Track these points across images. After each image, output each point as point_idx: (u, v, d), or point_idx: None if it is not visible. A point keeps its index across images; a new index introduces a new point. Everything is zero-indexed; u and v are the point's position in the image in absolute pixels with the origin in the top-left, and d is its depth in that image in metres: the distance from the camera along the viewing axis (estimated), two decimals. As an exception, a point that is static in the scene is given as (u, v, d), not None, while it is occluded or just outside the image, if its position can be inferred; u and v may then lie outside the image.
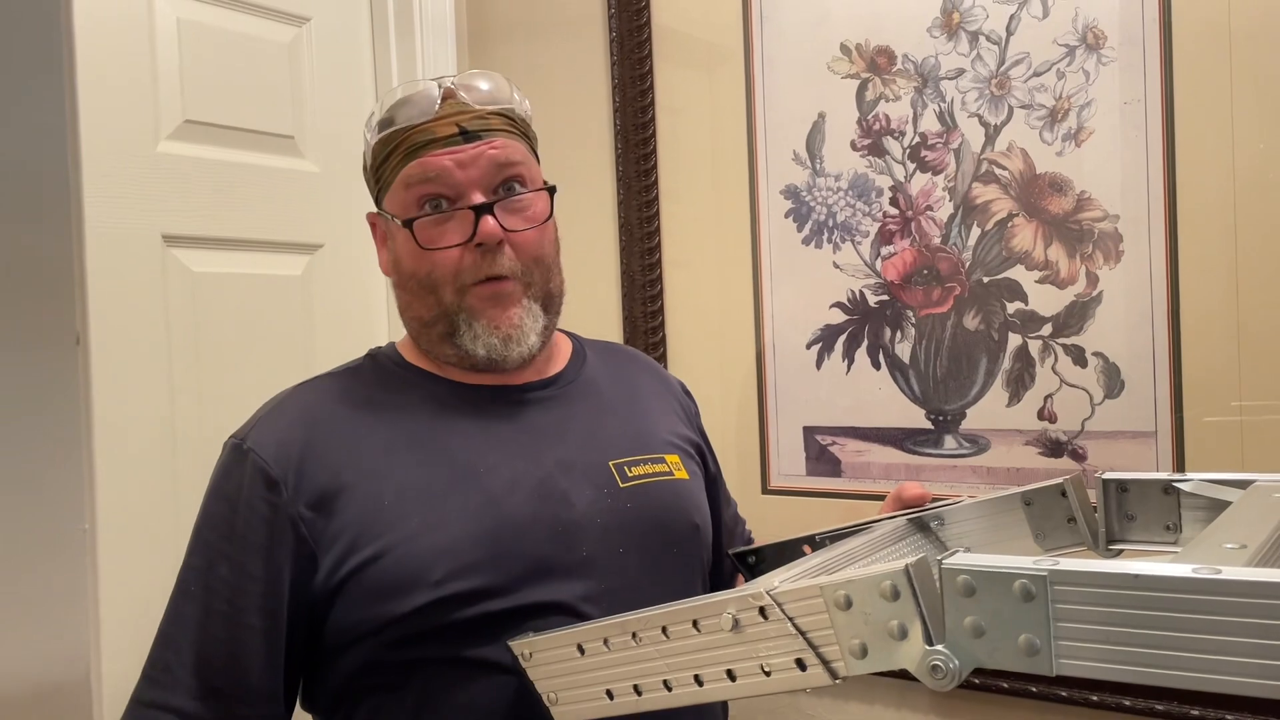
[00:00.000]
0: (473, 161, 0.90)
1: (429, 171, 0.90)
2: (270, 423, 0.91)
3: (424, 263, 0.91)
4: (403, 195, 0.92)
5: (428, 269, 0.91)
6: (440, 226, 0.91)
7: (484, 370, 0.96)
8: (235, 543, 0.86)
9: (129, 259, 1.35)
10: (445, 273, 0.91)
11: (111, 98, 1.34)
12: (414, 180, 0.90)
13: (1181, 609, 0.50)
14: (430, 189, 0.90)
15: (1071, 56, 1.22)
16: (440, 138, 0.90)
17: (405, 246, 0.92)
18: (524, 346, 0.93)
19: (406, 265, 0.93)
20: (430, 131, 0.90)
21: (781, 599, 0.64)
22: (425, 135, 0.90)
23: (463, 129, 0.91)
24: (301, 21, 1.61)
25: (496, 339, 0.92)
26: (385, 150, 0.93)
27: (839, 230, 1.40)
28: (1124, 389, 1.21)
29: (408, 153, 0.91)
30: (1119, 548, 0.87)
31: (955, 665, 0.57)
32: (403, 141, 0.91)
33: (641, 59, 1.58)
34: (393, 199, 0.93)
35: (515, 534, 0.87)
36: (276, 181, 1.56)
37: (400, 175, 0.91)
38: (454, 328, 0.92)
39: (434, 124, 0.91)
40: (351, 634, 0.86)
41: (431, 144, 0.90)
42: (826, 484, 1.43)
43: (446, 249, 0.90)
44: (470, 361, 0.94)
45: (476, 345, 0.92)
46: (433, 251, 0.90)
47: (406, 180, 0.91)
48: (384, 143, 0.93)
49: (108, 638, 1.30)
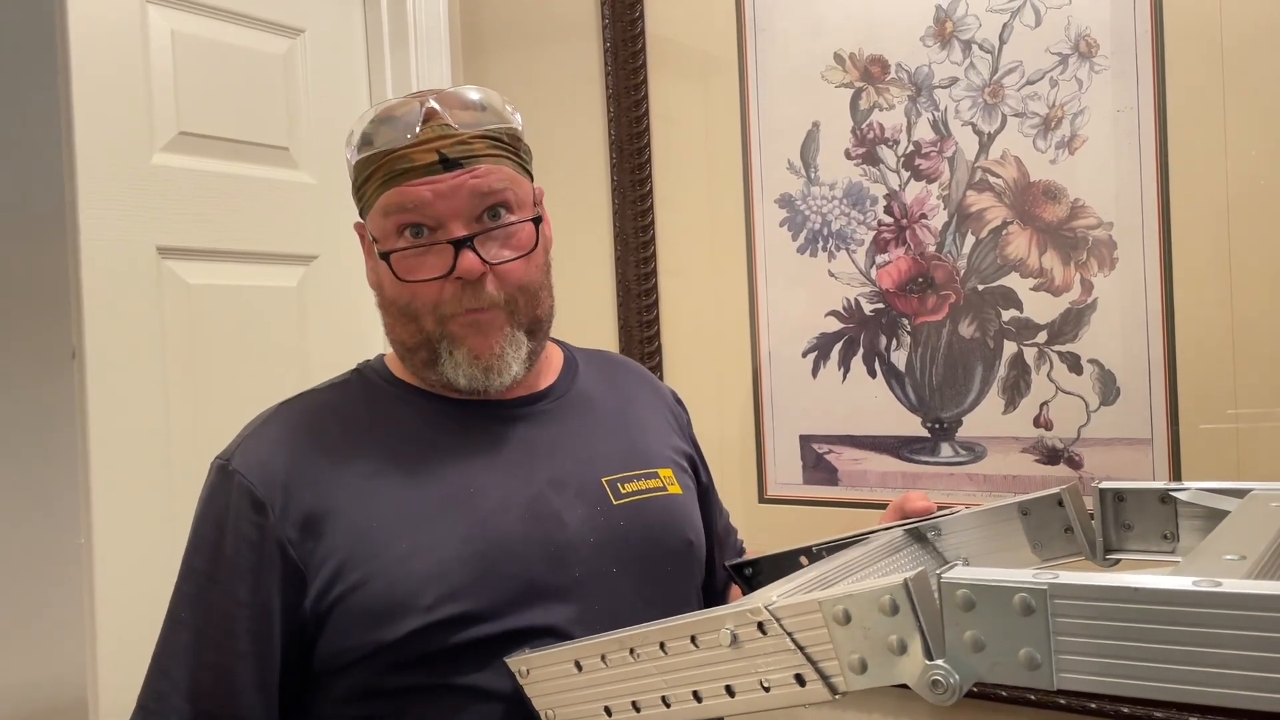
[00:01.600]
0: (453, 192, 0.87)
1: (406, 202, 0.87)
2: (255, 442, 0.89)
3: (403, 292, 0.89)
4: (381, 221, 0.89)
5: (408, 298, 0.89)
6: (420, 257, 0.88)
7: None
8: (224, 568, 0.84)
9: (124, 271, 1.35)
10: (425, 304, 0.89)
11: (106, 110, 1.34)
12: (392, 209, 0.88)
13: (1182, 622, 0.50)
14: (408, 219, 0.87)
15: (1064, 65, 1.23)
16: (419, 166, 0.87)
17: (386, 274, 0.90)
18: (505, 376, 0.91)
19: (388, 291, 0.91)
20: (409, 159, 0.87)
21: (780, 614, 0.64)
22: (404, 163, 0.87)
23: (443, 156, 0.87)
24: (296, 33, 1.61)
25: (477, 370, 0.89)
26: (365, 171, 0.90)
27: (834, 239, 1.40)
28: (1120, 396, 1.21)
29: (386, 179, 0.87)
30: (1116, 557, 0.87)
31: (955, 680, 0.56)
32: (381, 166, 0.88)
33: (636, 69, 1.58)
34: (373, 223, 0.91)
35: (506, 556, 0.86)
36: (271, 193, 1.56)
37: (379, 202, 0.89)
38: (436, 355, 0.90)
39: (413, 150, 0.87)
40: (341, 660, 0.84)
41: (410, 172, 0.87)
42: (823, 492, 1.43)
43: (425, 281, 0.88)
44: (454, 390, 0.93)
45: (458, 374, 0.90)
46: (411, 284, 0.88)
47: (385, 208, 0.88)
48: (363, 164, 0.90)
49: (104, 651, 1.29)
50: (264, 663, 0.84)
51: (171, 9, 1.43)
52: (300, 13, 1.62)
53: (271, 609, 0.84)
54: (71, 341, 1.31)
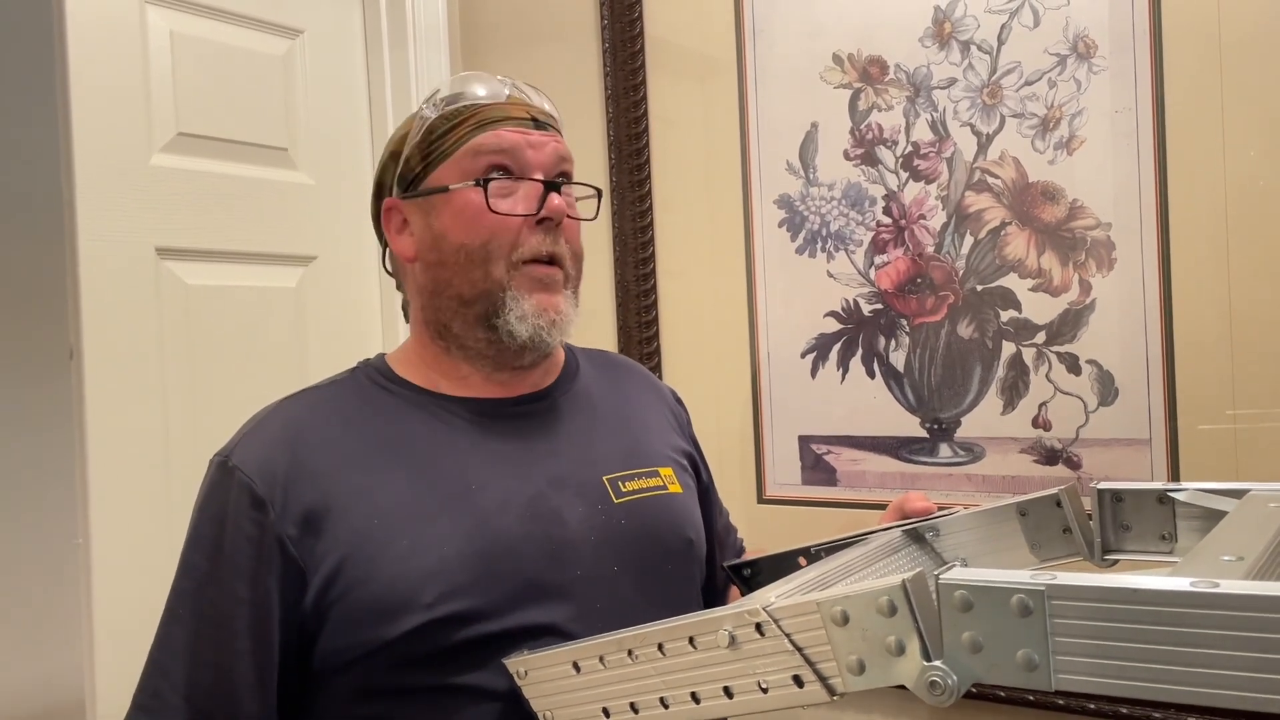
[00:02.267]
0: (541, 145, 0.94)
1: (504, 143, 0.92)
2: (255, 439, 0.89)
3: (481, 230, 0.91)
4: (468, 163, 0.92)
5: (485, 237, 0.91)
6: (506, 196, 0.92)
7: (503, 369, 0.95)
8: (223, 565, 0.84)
9: (122, 272, 1.35)
10: (503, 243, 0.91)
11: (104, 110, 1.34)
12: (486, 149, 0.92)
13: (1180, 623, 0.50)
14: (501, 159, 0.92)
15: (1063, 65, 1.23)
16: (514, 117, 0.94)
17: (459, 216, 0.92)
18: (565, 334, 0.95)
19: (455, 237, 0.92)
20: (505, 110, 0.94)
21: (778, 615, 0.64)
22: (500, 112, 0.93)
23: (533, 117, 0.95)
24: (295, 34, 1.61)
25: (543, 321, 0.92)
26: (449, 124, 0.93)
27: (833, 239, 1.40)
28: (1118, 396, 1.21)
29: (479, 125, 0.93)
30: (1114, 558, 0.87)
31: (953, 681, 0.56)
32: (475, 115, 0.93)
33: (635, 69, 1.58)
34: (451, 168, 0.93)
35: (507, 554, 0.86)
36: (270, 194, 1.56)
37: (470, 144, 0.92)
38: (496, 307, 0.91)
39: (508, 105, 0.94)
40: (340, 658, 0.84)
41: (506, 120, 0.93)
42: (822, 493, 1.43)
43: (510, 216, 0.91)
44: (503, 348, 0.93)
45: (522, 325, 0.91)
46: (497, 217, 0.91)
47: (477, 149, 0.92)
48: (448, 116, 0.93)
49: (101, 652, 1.29)
50: (263, 660, 0.84)
51: (170, 10, 1.43)
52: (299, 14, 1.62)
53: (271, 606, 0.84)
54: (70, 342, 1.30)
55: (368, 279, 1.73)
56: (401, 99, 1.72)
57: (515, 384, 0.97)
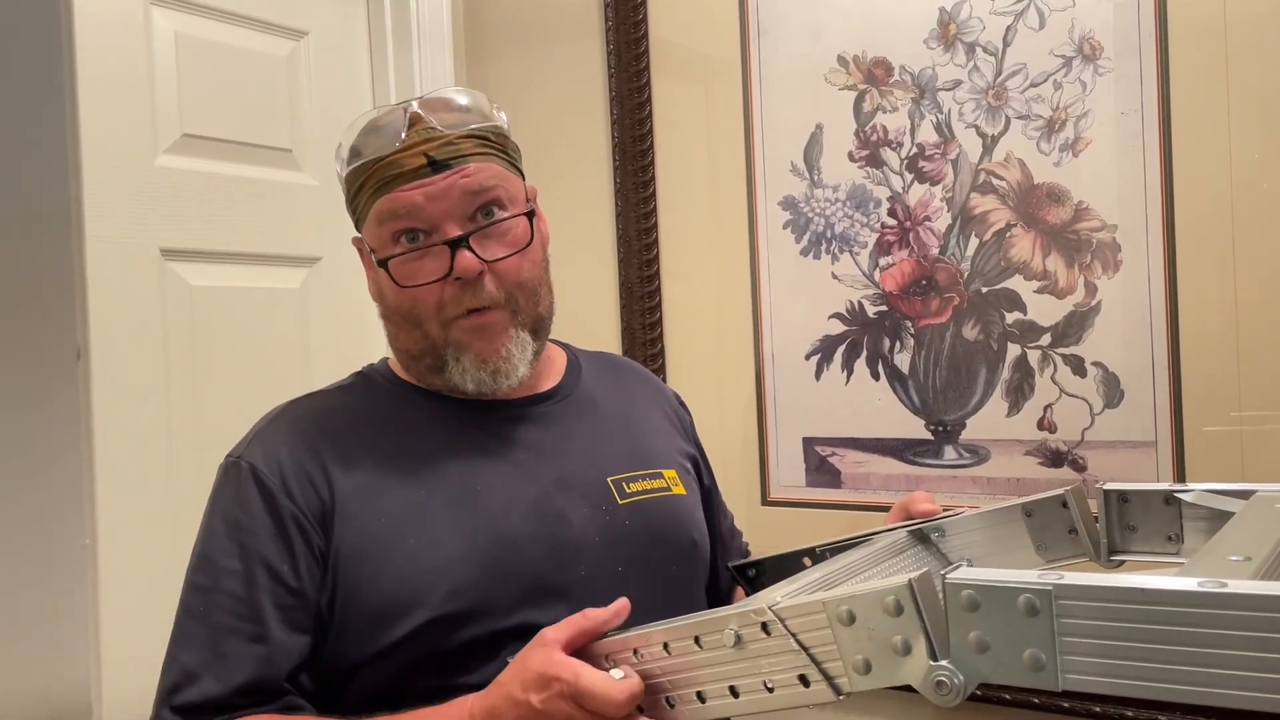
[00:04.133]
0: (444, 194, 0.87)
1: (399, 208, 0.87)
2: (265, 440, 0.90)
3: (405, 299, 0.89)
4: (377, 230, 0.90)
5: (409, 304, 0.89)
6: (418, 262, 0.88)
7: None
8: (243, 556, 0.84)
9: (127, 273, 1.35)
10: (427, 309, 0.89)
11: (109, 112, 1.34)
12: (385, 217, 0.88)
13: (1187, 623, 0.50)
14: (402, 224, 0.88)
15: (1068, 67, 1.23)
16: (408, 170, 0.87)
17: (386, 282, 0.90)
18: (513, 379, 0.91)
19: (389, 299, 0.91)
20: (398, 164, 0.87)
21: (784, 614, 0.64)
22: (393, 169, 0.87)
23: (431, 159, 0.87)
24: (299, 35, 1.62)
25: (485, 373, 0.90)
26: (356, 183, 0.91)
27: (837, 241, 1.40)
28: (1123, 398, 1.20)
29: (377, 187, 0.88)
30: (1120, 559, 0.87)
31: (960, 681, 0.56)
32: (371, 175, 0.88)
33: (639, 71, 1.58)
34: (369, 232, 0.91)
35: (512, 554, 0.86)
36: (274, 195, 1.56)
37: (372, 211, 0.89)
38: (441, 362, 0.91)
39: (401, 155, 0.87)
40: (345, 661, 0.85)
41: (399, 178, 0.87)
42: (826, 495, 1.42)
43: (425, 285, 0.88)
44: (460, 393, 0.93)
45: (465, 380, 0.90)
46: (412, 289, 0.88)
47: (379, 216, 0.89)
48: (353, 175, 0.91)
49: (108, 654, 1.29)
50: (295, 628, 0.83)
51: (175, 11, 1.44)
52: (304, 15, 1.62)
53: (301, 582, 0.83)
54: (77, 343, 1.31)
55: (372, 280, 1.73)
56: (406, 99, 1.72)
57: (515, 389, 0.97)
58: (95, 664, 1.30)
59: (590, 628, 0.72)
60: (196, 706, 0.81)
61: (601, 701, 0.67)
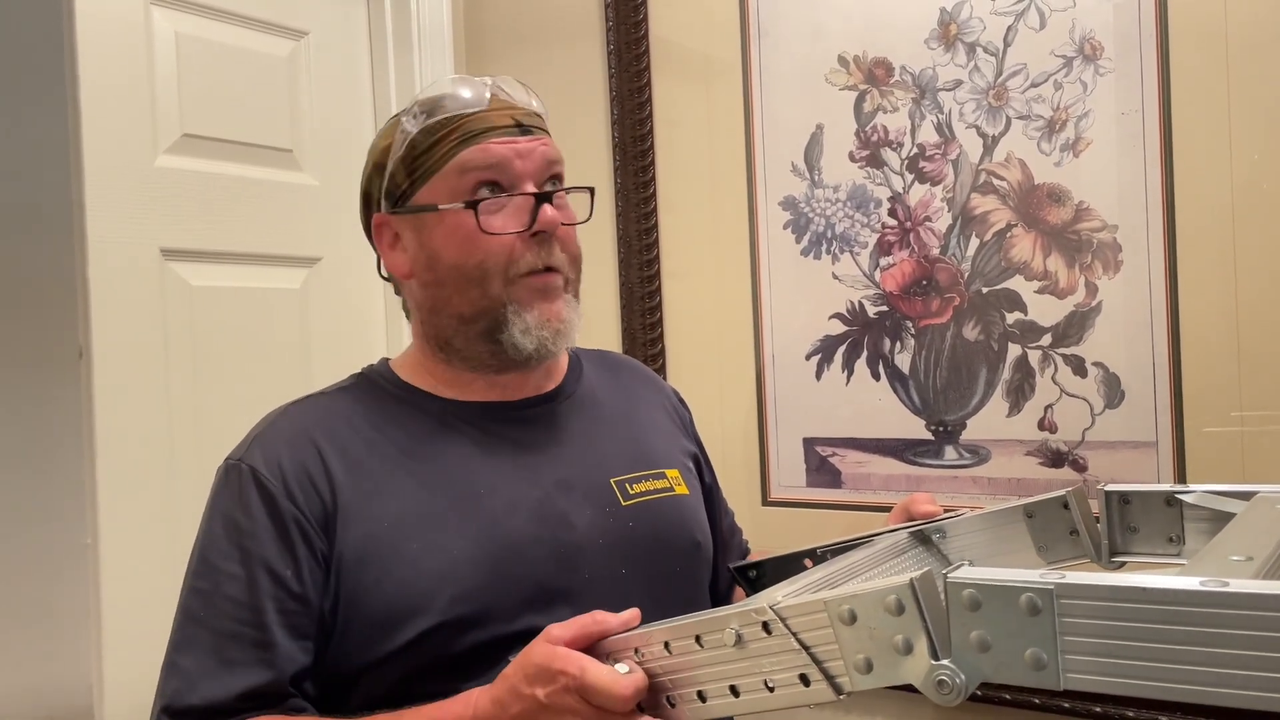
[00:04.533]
0: (528, 154, 0.90)
1: (490, 159, 0.89)
2: (265, 443, 0.89)
3: (475, 251, 0.89)
4: (455, 181, 0.90)
5: (479, 258, 0.89)
6: (496, 215, 0.90)
7: (506, 372, 0.94)
8: (244, 560, 0.83)
9: (127, 273, 1.35)
10: (498, 262, 0.89)
11: (110, 112, 1.34)
12: (472, 166, 0.89)
13: (1189, 622, 0.50)
14: (489, 175, 0.89)
15: (1069, 67, 1.23)
16: (498, 126, 0.90)
17: (451, 236, 0.90)
18: (570, 340, 0.93)
19: (449, 256, 0.90)
20: (487, 120, 0.90)
21: (785, 614, 0.63)
22: (483, 123, 0.90)
23: (518, 122, 0.91)
24: (300, 35, 1.62)
25: (547, 332, 0.91)
26: (431, 138, 0.90)
27: (838, 241, 1.40)
28: (1124, 399, 1.20)
29: (463, 139, 0.89)
30: (1122, 560, 0.87)
31: (961, 680, 0.56)
32: (457, 128, 0.90)
33: (639, 71, 1.58)
34: (439, 186, 0.90)
35: (516, 557, 0.86)
36: (275, 195, 1.56)
37: (455, 160, 0.89)
38: (499, 322, 0.90)
39: (490, 113, 0.90)
40: (348, 666, 0.84)
41: (490, 131, 0.90)
42: (827, 495, 1.42)
43: (503, 235, 0.89)
44: (507, 359, 0.92)
45: (526, 339, 0.90)
46: (490, 237, 0.88)
47: (463, 165, 0.89)
48: (430, 130, 0.90)
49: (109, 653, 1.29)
50: (297, 633, 0.83)
51: (176, 11, 1.44)
52: (304, 15, 1.62)
53: (303, 586, 0.83)
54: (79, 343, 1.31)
55: (372, 281, 1.72)
56: (406, 100, 1.71)
57: (519, 387, 0.97)
58: (97, 663, 1.30)
59: (596, 632, 0.72)
60: (198, 711, 0.80)
61: (606, 696, 0.67)
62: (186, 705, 0.81)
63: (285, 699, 0.82)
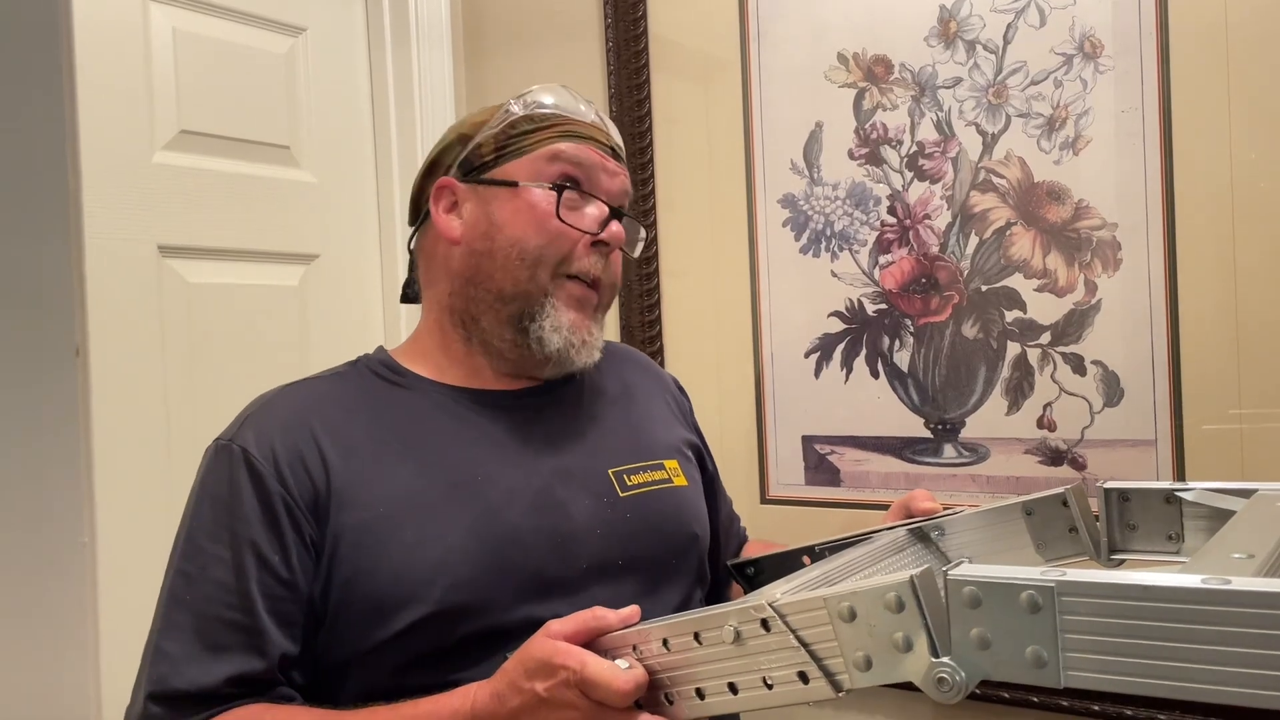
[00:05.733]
0: (614, 176, 0.96)
1: (587, 159, 0.94)
2: (258, 424, 0.87)
3: (541, 232, 0.91)
4: (544, 165, 0.93)
5: (542, 241, 0.91)
6: (574, 209, 0.93)
7: (519, 368, 0.95)
8: (233, 542, 0.82)
9: (124, 270, 1.35)
10: (558, 252, 0.92)
11: (107, 108, 1.34)
12: (566, 158, 0.93)
13: (1191, 620, 0.50)
14: (576, 172, 0.93)
15: (1069, 65, 1.22)
16: (599, 140, 0.96)
17: (522, 213, 0.92)
18: (591, 358, 0.95)
19: (513, 231, 0.92)
20: (591, 130, 0.96)
21: (784, 610, 0.63)
22: (589, 130, 0.96)
23: (613, 147, 0.98)
24: (297, 32, 1.61)
25: (576, 339, 0.93)
26: (535, 124, 0.94)
27: (837, 239, 1.40)
28: (1123, 397, 1.20)
29: (565, 134, 0.94)
30: (1121, 557, 0.87)
31: (961, 677, 0.56)
32: (563, 122, 0.94)
33: (638, 69, 1.58)
34: (524, 166, 0.93)
35: (514, 547, 0.85)
36: (273, 192, 1.56)
37: (552, 147, 0.93)
38: (533, 312, 0.92)
39: (593, 127, 0.96)
40: (340, 655, 0.83)
41: (593, 140, 0.95)
42: (825, 493, 1.42)
43: (573, 227, 0.92)
44: (526, 354, 0.93)
45: (555, 336, 0.92)
46: (561, 225, 0.91)
47: (557, 154, 0.93)
48: (535, 118, 0.95)
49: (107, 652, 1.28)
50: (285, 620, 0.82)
51: (173, 7, 1.43)
52: (302, 11, 1.62)
53: (291, 572, 0.82)
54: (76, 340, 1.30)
55: (370, 277, 1.72)
56: (404, 97, 1.71)
57: (518, 378, 0.97)
58: (94, 661, 1.29)
59: (596, 628, 0.71)
60: (183, 696, 0.79)
61: (606, 690, 0.67)
62: (173, 690, 0.79)
63: (273, 686, 0.81)
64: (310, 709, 0.81)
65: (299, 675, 0.84)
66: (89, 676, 1.30)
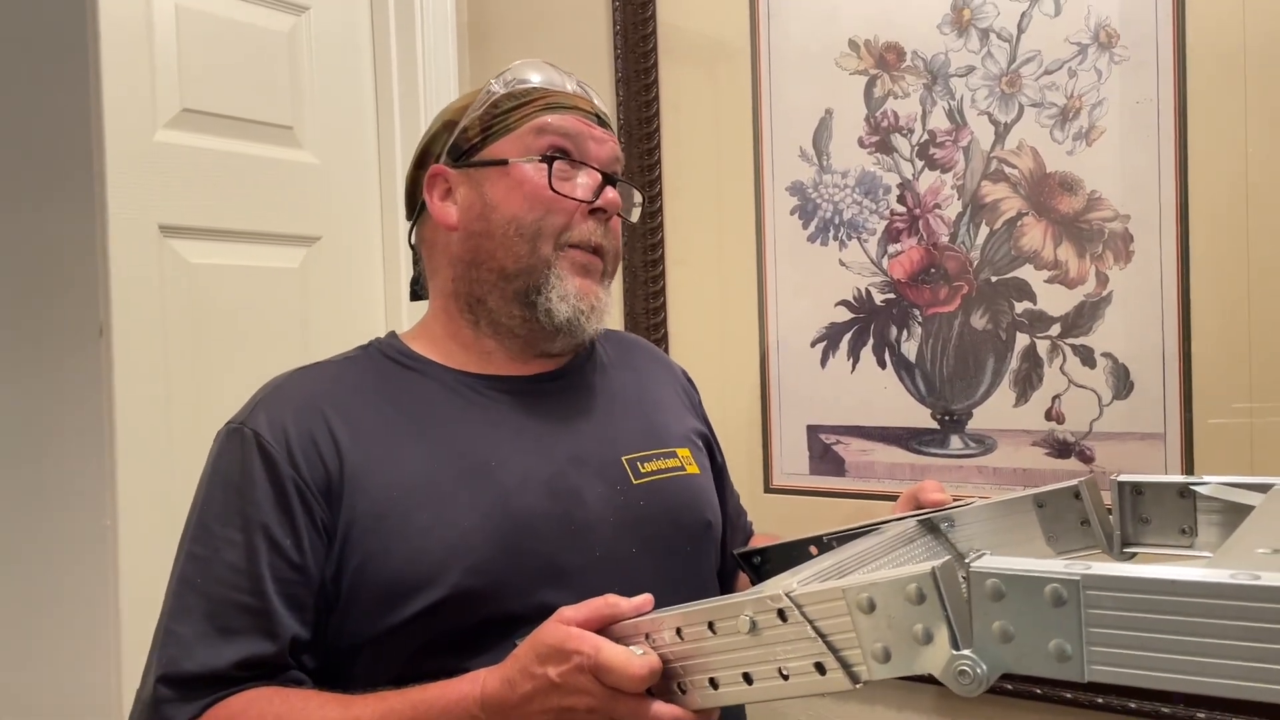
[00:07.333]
0: (602, 143, 0.95)
1: (571, 129, 0.93)
2: (270, 408, 0.87)
3: (536, 206, 0.91)
4: (531, 140, 0.93)
5: (539, 214, 0.91)
6: (567, 179, 0.93)
7: (531, 344, 0.95)
8: (242, 527, 0.81)
9: (126, 250, 1.33)
10: (556, 223, 0.91)
11: (109, 86, 1.32)
12: (552, 129, 0.93)
13: (1219, 615, 0.49)
14: (564, 143, 0.93)
15: (1083, 55, 1.21)
16: (582, 109, 0.96)
17: (515, 189, 0.91)
18: (600, 323, 0.95)
19: (508, 208, 0.91)
20: (574, 100, 0.96)
21: (801, 601, 0.62)
22: (570, 101, 0.95)
23: (597, 114, 0.97)
24: (301, 10, 1.59)
25: (584, 305, 0.92)
26: (516, 100, 0.94)
27: (845, 228, 1.39)
28: (1133, 390, 1.20)
29: (548, 107, 0.94)
30: (1133, 551, 0.86)
31: (983, 670, 0.55)
32: (544, 96, 0.94)
33: (646, 54, 1.56)
34: (512, 143, 0.93)
35: (528, 532, 0.84)
36: (275, 172, 1.54)
37: (536, 121, 0.93)
38: (538, 284, 0.91)
39: (576, 97, 0.96)
40: (355, 638, 0.82)
41: (575, 109, 0.95)
42: (830, 483, 1.41)
43: (568, 198, 0.92)
44: (537, 327, 0.92)
45: (563, 305, 0.91)
46: (556, 196, 0.91)
47: (542, 127, 0.93)
48: (516, 95, 0.94)
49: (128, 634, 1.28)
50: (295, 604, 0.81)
51: (177, -16, 1.41)
52: (306, -11, 1.60)
53: (302, 555, 0.81)
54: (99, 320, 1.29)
55: (372, 260, 1.71)
56: (408, 79, 1.70)
57: (530, 364, 0.96)
58: (115, 644, 1.28)
59: (609, 615, 0.71)
60: (194, 679, 0.78)
61: (620, 675, 0.66)
62: (184, 673, 0.79)
63: (284, 669, 0.81)
64: (320, 692, 0.80)
65: (310, 659, 0.83)
66: (111, 658, 1.29)
